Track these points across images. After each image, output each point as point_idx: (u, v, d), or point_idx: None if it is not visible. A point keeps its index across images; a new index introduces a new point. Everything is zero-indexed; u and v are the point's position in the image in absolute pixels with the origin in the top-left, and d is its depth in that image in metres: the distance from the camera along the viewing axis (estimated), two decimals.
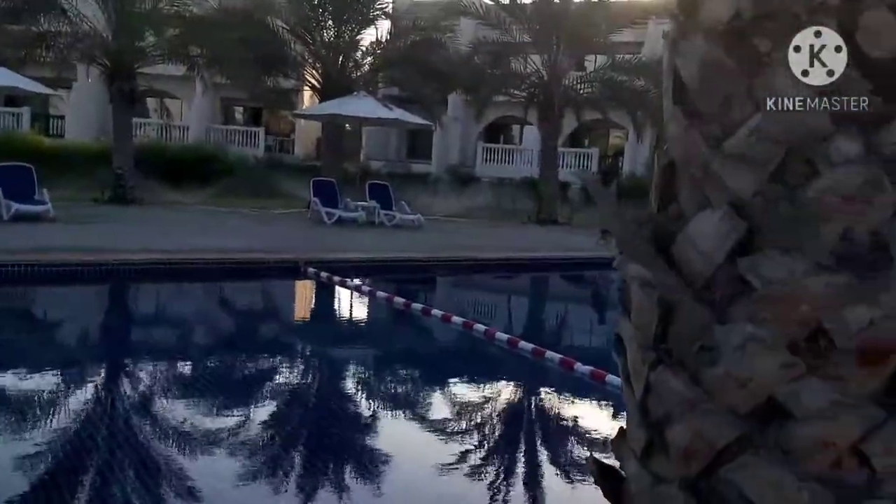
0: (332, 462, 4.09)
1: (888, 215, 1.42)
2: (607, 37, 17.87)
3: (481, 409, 5.32)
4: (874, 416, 1.42)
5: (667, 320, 1.54)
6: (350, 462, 4.09)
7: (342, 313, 8.73)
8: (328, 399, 5.38)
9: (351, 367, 6.44)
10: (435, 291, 10.92)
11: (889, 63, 1.41)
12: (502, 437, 4.84)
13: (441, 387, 5.97)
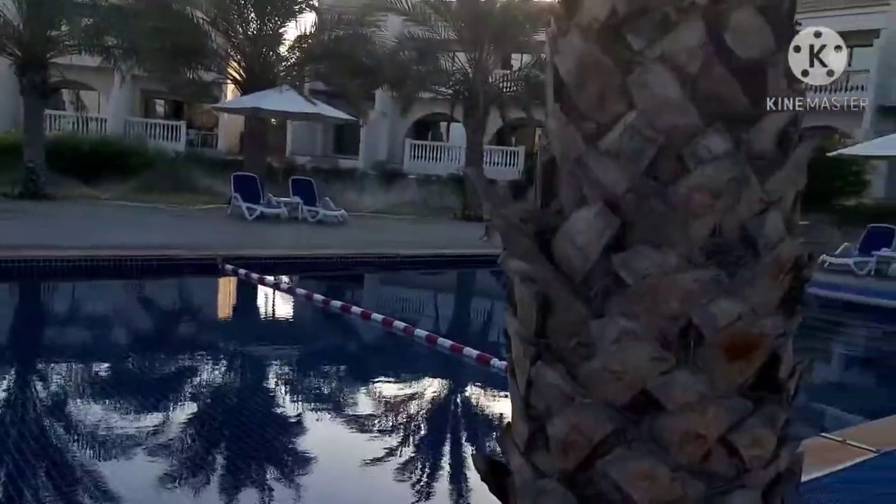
0: (238, 461, 4.01)
1: (755, 212, 1.46)
2: (532, 35, 18.07)
3: (396, 406, 5.31)
4: (741, 408, 1.46)
5: (546, 315, 1.55)
6: (258, 460, 4.02)
7: (258, 311, 8.60)
8: (239, 398, 5.28)
9: (264, 364, 6.34)
10: (355, 288, 10.85)
11: (757, 63, 1.45)
12: (415, 433, 4.84)
13: (358, 384, 5.93)
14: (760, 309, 1.46)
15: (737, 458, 1.49)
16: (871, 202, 20.27)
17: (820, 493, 3.51)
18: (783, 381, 1.51)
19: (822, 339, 10.13)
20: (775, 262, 1.46)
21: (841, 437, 4.39)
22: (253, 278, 8.54)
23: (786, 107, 1.47)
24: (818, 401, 6.90)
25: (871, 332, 10.51)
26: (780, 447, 1.55)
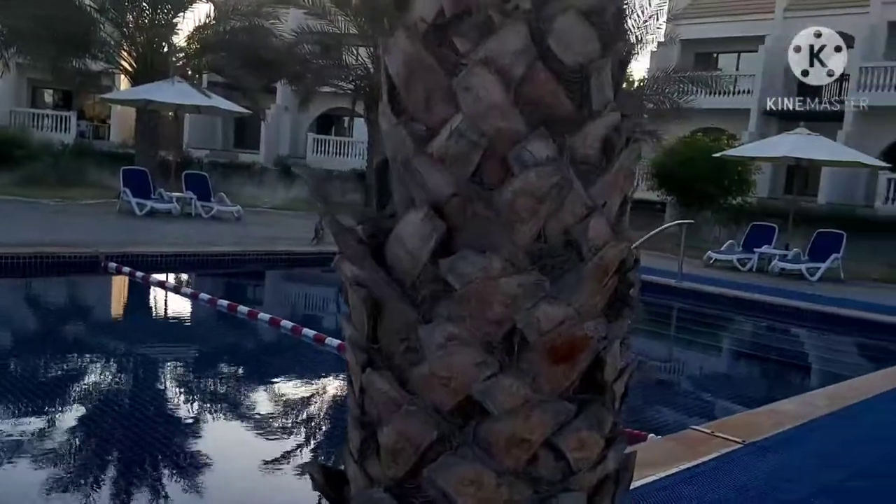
0: (114, 464, 3.84)
1: (580, 216, 1.47)
2: None
3: (284, 407, 5.22)
4: (566, 411, 1.47)
5: (377, 320, 1.52)
6: (134, 462, 3.87)
7: (140, 310, 8.29)
8: (116, 399, 5.07)
9: (141, 364, 6.11)
10: (245, 286, 10.61)
11: (581, 68, 1.45)
12: (307, 432, 4.77)
13: (240, 385, 5.80)
14: (585, 312, 1.47)
15: (563, 460, 1.50)
16: (756, 201, 21.26)
17: (688, 483, 3.64)
18: (609, 383, 1.53)
19: (701, 333, 10.58)
20: (600, 265, 1.48)
21: (710, 429, 4.57)
22: (137, 277, 8.22)
23: (612, 112, 1.49)
24: (693, 394, 7.19)
25: (748, 327, 11.03)
26: (608, 448, 1.57)
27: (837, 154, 15.28)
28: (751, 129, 24.67)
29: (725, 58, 28.95)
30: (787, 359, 9.39)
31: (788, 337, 10.42)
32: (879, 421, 5.02)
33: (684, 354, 9.36)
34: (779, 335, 10.56)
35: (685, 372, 8.33)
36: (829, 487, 3.72)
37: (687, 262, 14.44)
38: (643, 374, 1.55)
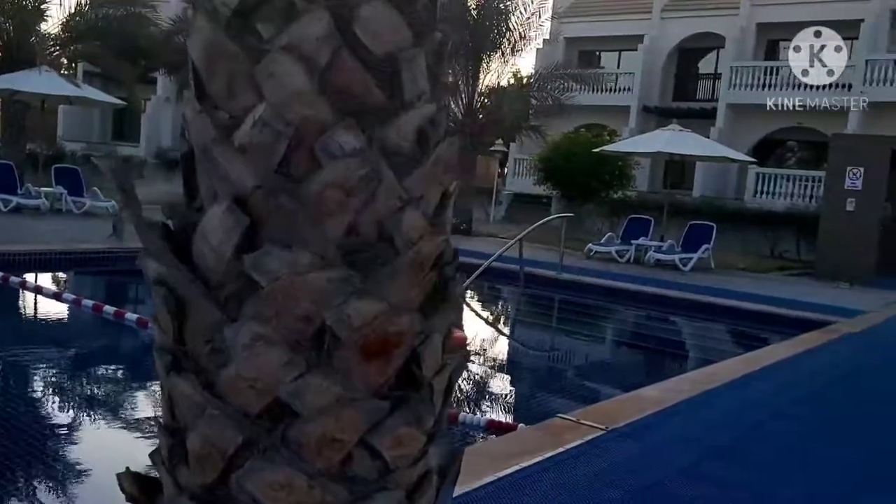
0: None
1: (394, 209, 1.43)
2: None
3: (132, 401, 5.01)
4: (379, 409, 1.44)
5: (183, 321, 1.44)
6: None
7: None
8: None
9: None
10: (116, 285, 10.14)
11: (391, 57, 1.42)
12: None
13: (106, 384, 5.53)
14: (400, 307, 1.44)
15: (380, 459, 1.47)
16: (636, 195, 22.07)
17: (550, 471, 3.70)
18: (427, 379, 1.51)
19: (580, 322, 10.89)
20: (416, 259, 1.45)
21: (575, 416, 4.67)
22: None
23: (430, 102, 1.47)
24: (570, 382, 7.37)
25: (624, 316, 11.42)
26: (429, 444, 1.55)
27: (707, 149, 16.03)
28: (631, 126, 25.60)
29: (607, 56, 29.89)
30: (660, 346, 9.78)
31: (661, 325, 10.86)
32: (735, 405, 5.27)
33: (564, 344, 9.59)
34: (652, 323, 11.00)
35: (564, 361, 8.53)
36: (683, 469, 3.87)
37: (569, 254, 14.84)
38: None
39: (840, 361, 7.14)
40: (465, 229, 18.29)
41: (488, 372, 7.65)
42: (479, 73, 18.24)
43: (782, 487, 3.75)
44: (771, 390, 5.74)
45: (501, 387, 7.06)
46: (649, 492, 3.54)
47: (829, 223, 14.92)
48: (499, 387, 7.07)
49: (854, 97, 21.62)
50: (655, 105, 26.83)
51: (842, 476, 4.04)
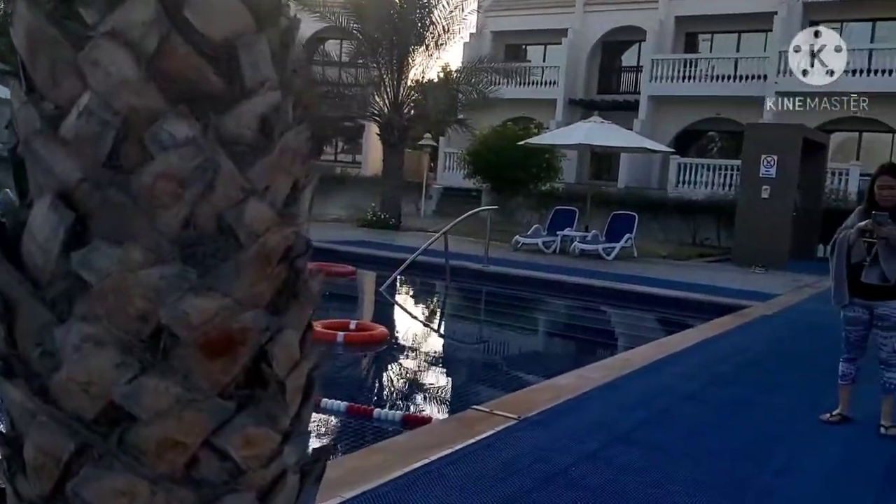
0: None
1: (235, 200, 1.38)
2: None
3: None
4: (224, 409, 1.38)
5: (13, 323, 1.37)
6: None
7: None
8: None
9: None
10: None
11: (228, 43, 1.37)
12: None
13: None
14: (246, 303, 1.39)
15: (229, 461, 1.42)
16: (563, 187, 22.35)
17: (460, 463, 3.70)
18: (280, 376, 1.47)
19: (505, 314, 10.97)
20: (261, 253, 1.40)
21: (489, 407, 4.69)
22: None
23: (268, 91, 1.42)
24: (492, 373, 7.41)
25: (548, 306, 11.54)
26: (286, 443, 1.51)
27: (626, 141, 16.33)
28: (558, 119, 25.88)
29: (533, 49, 30.16)
30: (583, 335, 9.93)
31: (584, 314, 11.02)
32: (646, 390, 5.37)
33: (489, 336, 9.64)
34: (575, 312, 11.15)
35: (489, 353, 8.56)
36: (589, 455, 3.92)
37: (498, 246, 14.95)
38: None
39: (751, 344, 7.35)
40: (394, 224, 18.23)
41: (412, 366, 7.63)
42: (403, 67, 18.17)
43: (683, 470, 3.83)
44: (682, 374, 5.87)
45: (425, 381, 7.05)
46: (555, 479, 3.57)
47: (746, 210, 15.38)
48: (422, 381, 7.06)
49: (769, 94, 22.36)
50: (581, 98, 27.21)
51: (743, 455, 4.14)
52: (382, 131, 18.68)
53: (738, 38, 25.96)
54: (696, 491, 3.54)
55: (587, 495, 3.40)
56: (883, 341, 4.68)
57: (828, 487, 3.79)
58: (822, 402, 5.10)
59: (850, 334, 4.80)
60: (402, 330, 9.37)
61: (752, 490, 3.64)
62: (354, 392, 6.07)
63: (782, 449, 4.33)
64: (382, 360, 7.50)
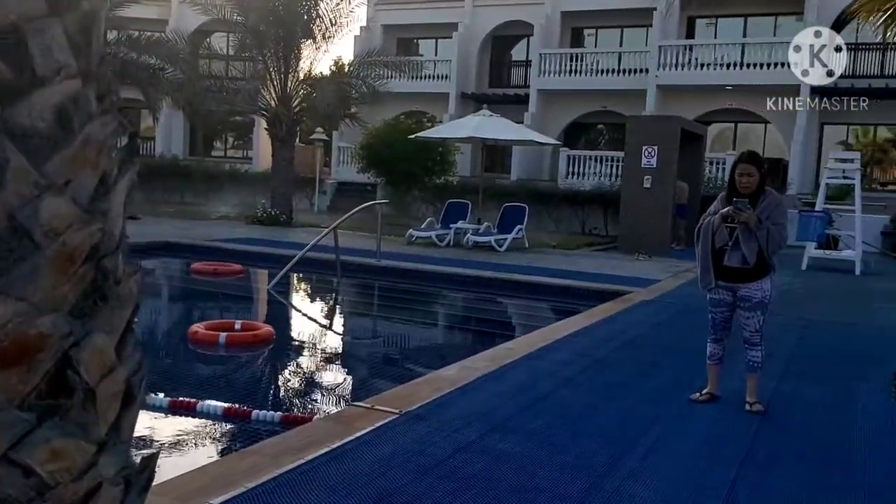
0: None
1: (28, 197, 1.29)
2: (114, 11, 16.77)
3: None
4: (23, 421, 1.29)
5: None
6: None
7: None
8: None
9: None
10: None
11: (14, 28, 1.27)
12: None
13: None
14: (44, 307, 1.30)
15: (34, 476, 1.33)
16: (458, 180, 22.50)
17: (336, 461, 3.64)
18: (89, 383, 1.38)
19: (398, 308, 10.95)
20: (62, 252, 1.31)
21: (369, 403, 4.65)
22: None
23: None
24: (375, 370, 7.36)
25: (441, 299, 11.60)
26: (101, 453, 1.43)
27: (515, 133, 16.59)
28: (451, 112, 26.04)
29: (425, 43, 30.22)
30: (474, 326, 10.03)
31: (476, 305, 11.13)
32: (527, 377, 5.45)
33: (381, 331, 9.60)
34: (467, 304, 11.25)
35: (380, 348, 8.51)
36: (467, 445, 3.94)
37: (392, 241, 14.90)
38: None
39: (630, 328, 7.60)
40: (285, 220, 17.90)
41: (297, 365, 7.50)
42: (290, 61, 17.83)
43: (556, 454, 3.90)
44: (563, 360, 5.99)
45: (310, 380, 6.94)
46: (431, 471, 3.57)
47: (629, 200, 15.90)
48: (307, 380, 6.94)
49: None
50: (473, 92, 27.47)
51: (615, 438, 4.26)
52: (270, 126, 18.30)
53: (621, 34, 26.81)
54: (566, 474, 3.62)
55: (460, 485, 3.41)
56: (745, 322, 4.91)
57: (694, 464, 3.94)
58: (693, 382, 5.30)
59: (716, 316, 5.01)
60: (290, 329, 9.21)
61: (621, 471, 3.74)
62: (235, 394, 5.91)
63: (653, 429, 4.47)
64: (267, 361, 7.35)
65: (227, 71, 22.30)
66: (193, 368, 7.00)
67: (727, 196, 4.86)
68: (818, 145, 23.14)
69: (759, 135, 24.95)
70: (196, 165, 26.85)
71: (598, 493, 3.44)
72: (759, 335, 4.91)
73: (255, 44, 17.85)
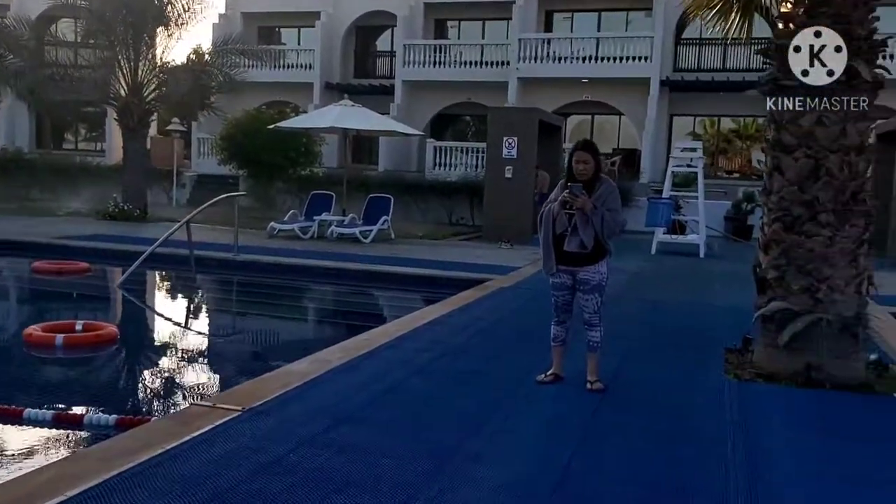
0: None
1: None
2: None
3: None
4: None
5: None
6: None
7: None
8: None
9: None
10: None
11: None
12: None
13: None
14: None
15: None
16: (324, 171, 22.20)
17: (170, 462, 3.51)
18: None
19: (258, 304, 10.70)
20: None
21: (211, 402, 4.50)
22: None
23: None
24: (217, 370, 7.14)
25: (303, 293, 11.43)
26: None
27: (377, 124, 16.51)
28: (316, 102, 25.64)
29: (288, 32, 29.60)
30: (335, 318, 9.94)
31: (339, 298, 11.04)
32: (381, 368, 5.44)
33: (236, 326, 9.34)
34: (330, 297, 11.14)
35: (232, 345, 8.26)
36: (311, 439, 3.88)
37: (254, 234, 14.55)
38: None
39: (486, 315, 7.73)
40: (139, 215, 17.09)
41: (141, 366, 7.18)
42: (140, 48, 16.99)
43: (400, 443, 3.91)
44: (418, 349, 6.02)
45: (154, 380, 6.63)
46: (270, 468, 3.49)
47: (492, 189, 16.19)
48: (152, 380, 6.64)
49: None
50: (338, 82, 27.16)
51: (462, 423, 4.32)
52: (120, 116, 17.38)
53: (483, 26, 27.24)
54: (408, 462, 3.63)
55: (297, 480, 3.35)
56: (585, 304, 5.10)
57: (535, 443, 4.05)
58: (541, 364, 5.45)
59: (558, 299, 5.18)
60: (137, 328, 8.80)
61: (464, 454, 3.79)
62: (70, 399, 5.58)
63: (499, 413, 4.57)
64: (109, 362, 6.98)
65: (75, 59, 21.00)
66: (27, 373, 6.54)
67: (565, 183, 5.01)
68: (668, 136, 24.38)
69: (615, 126, 26.04)
70: (43, 159, 25.17)
71: (438, 477, 3.47)
72: (597, 316, 5.11)
73: (102, 30, 16.89)
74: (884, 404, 5.22)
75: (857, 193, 5.49)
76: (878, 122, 15.74)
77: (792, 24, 5.69)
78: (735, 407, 4.92)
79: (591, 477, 3.63)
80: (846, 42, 5.37)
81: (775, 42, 5.74)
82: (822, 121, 5.46)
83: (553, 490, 3.43)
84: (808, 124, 5.51)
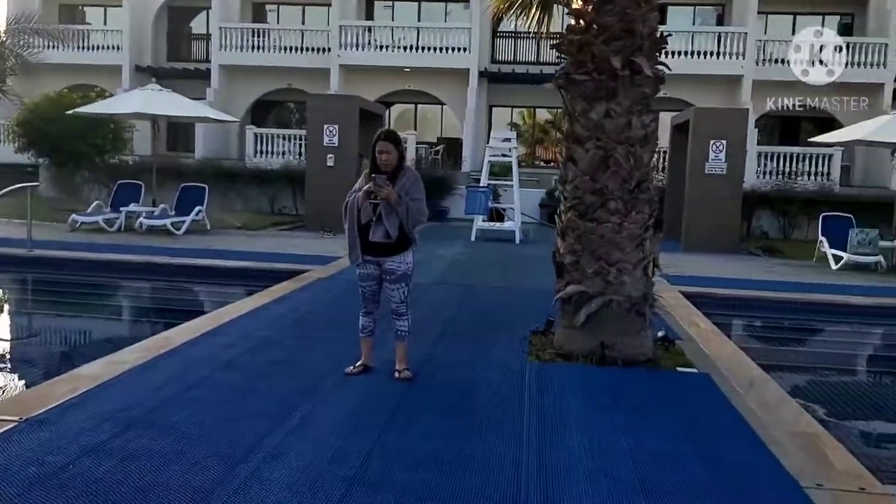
0: None
1: None
2: None
3: None
4: None
5: None
6: None
7: None
8: None
9: None
10: None
11: None
12: None
13: None
14: None
15: None
16: (135, 159, 20.92)
17: None
18: None
19: (55, 303, 9.94)
20: None
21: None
22: None
23: None
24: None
25: (103, 290, 10.74)
26: None
27: (187, 110, 15.72)
28: (125, 86, 24.11)
29: (93, 12, 27.59)
30: (139, 317, 9.44)
31: (142, 294, 10.49)
32: (182, 366, 5.22)
33: (24, 328, 8.63)
34: (133, 294, 10.55)
35: (18, 349, 7.60)
36: (96, 446, 3.66)
37: (55, 227, 13.49)
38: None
39: (301, 306, 7.63)
40: None
41: None
42: None
43: (195, 446, 3.76)
44: (226, 344, 5.84)
45: None
46: (47, 481, 3.25)
47: (314, 177, 15.93)
48: None
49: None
50: (149, 65, 25.66)
51: (262, 418, 4.22)
52: None
53: (303, 11, 26.72)
54: (200, 466, 3.50)
55: (76, 493, 3.14)
56: (392, 294, 5.14)
57: (337, 436, 4.03)
58: (353, 355, 5.43)
59: (365, 290, 5.18)
60: None
61: (261, 453, 3.71)
62: None
63: (304, 405, 4.51)
64: None
65: None
66: None
67: (369, 173, 5.01)
68: (488, 126, 25.11)
69: (437, 116, 26.46)
70: None
71: (230, 481, 3.36)
72: (404, 306, 5.17)
73: None
74: (665, 377, 5.66)
75: (642, 182, 5.90)
76: (674, 115, 17.10)
77: (582, 20, 6.00)
78: (534, 387, 5.15)
79: (389, 467, 3.64)
80: (629, 38, 5.74)
81: (567, 37, 6.03)
82: (610, 113, 5.81)
83: (349, 484, 3.41)
84: (598, 117, 5.84)
